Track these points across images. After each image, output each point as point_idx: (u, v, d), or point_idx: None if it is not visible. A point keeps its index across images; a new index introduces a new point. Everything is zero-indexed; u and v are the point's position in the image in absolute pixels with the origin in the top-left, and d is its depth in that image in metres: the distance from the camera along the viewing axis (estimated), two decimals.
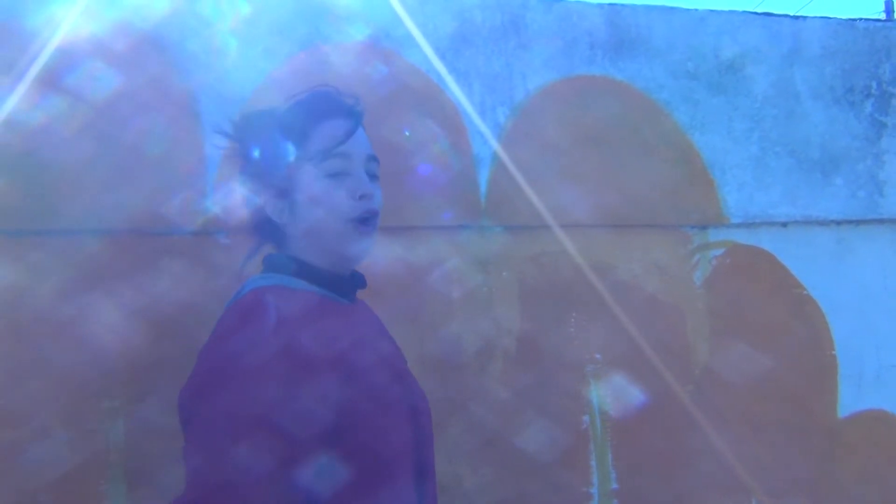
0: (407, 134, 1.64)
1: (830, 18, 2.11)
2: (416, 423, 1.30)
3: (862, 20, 2.13)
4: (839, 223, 2.07)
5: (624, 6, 1.94)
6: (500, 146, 1.83)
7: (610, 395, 1.86)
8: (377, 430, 1.22)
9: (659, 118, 1.95)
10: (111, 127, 1.55)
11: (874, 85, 2.11)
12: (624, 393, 1.87)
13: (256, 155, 1.33)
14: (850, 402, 2.05)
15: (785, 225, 2.03)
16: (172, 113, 1.60)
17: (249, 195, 1.35)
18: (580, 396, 1.84)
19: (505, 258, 1.84)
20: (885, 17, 14.06)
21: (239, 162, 1.37)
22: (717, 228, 1.98)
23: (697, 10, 1.99)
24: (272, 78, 1.67)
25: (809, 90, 2.06)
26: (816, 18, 2.10)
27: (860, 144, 2.09)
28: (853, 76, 2.10)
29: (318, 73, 1.69)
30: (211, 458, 1.10)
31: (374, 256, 1.39)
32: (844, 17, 2.16)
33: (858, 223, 2.08)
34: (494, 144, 1.82)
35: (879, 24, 2.16)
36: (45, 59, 1.49)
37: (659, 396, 1.88)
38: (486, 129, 1.82)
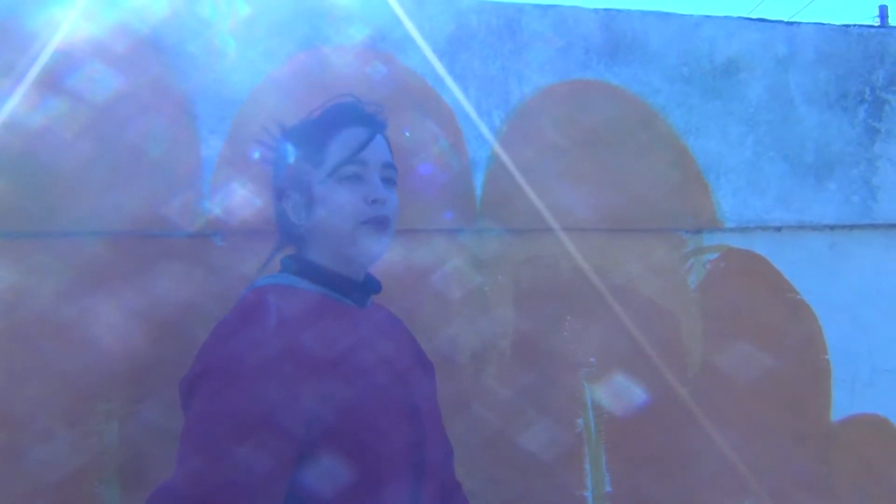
0: (407, 134, 1.65)
1: (824, 24, 2.12)
2: (415, 423, 1.30)
3: (856, 26, 2.14)
4: (833, 228, 2.08)
5: (619, 11, 1.95)
6: (495, 149, 1.83)
7: (605, 397, 1.86)
8: (372, 430, 1.22)
9: (654, 122, 1.96)
10: (109, 128, 1.55)
11: (868, 90, 2.12)
12: (618, 396, 1.87)
13: (279, 160, 1.40)
14: (843, 406, 2.05)
15: (779, 229, 2.04)
16: (170, 114, 1.60)
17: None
18: (575, 399, 1.84)
19: (500, 261, 1.84)
20: (878, 23, 14.13)
21: (272, 169, 1.43)
22: (711, 232, 1.99)
23: (692, 15, 2.00)
24: (270, 79, 1.67)
25: (803, 95, 2.07)
26: (810, 24, 2.11)
27: (854, 150, 2.10)
28: (847, 82, 2.11)
29: (314, 74, 1.69)
30: (211, 458, 1.10)
31: None
32: (838, 22, 2.17)
33: (852, 228, 2.09)
34: (490, 147, 1.83)
35: (873, 30, 2.17)
36: (43, 60, 1.49)
37: (653, 399, 1.89)
38: (481, 132, 1.83)
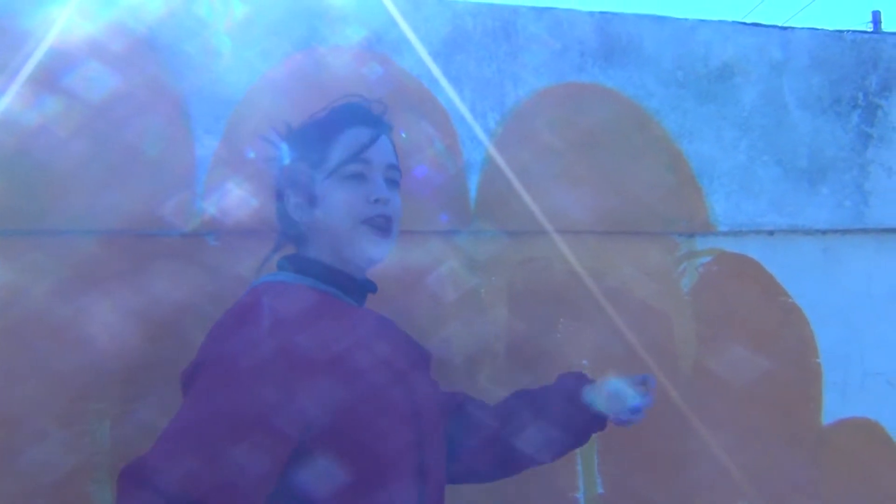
0: (403, 135, 1.65)
1: (818, 30, 2.13)
2: (416, 424, 1.30)
3: (849, 32, 2.15)
4: (825, 232, 2.09)
5: (614, 15, 1.95)
6: (490, 151, 1.83)
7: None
8: (373, 430, 1.22)
9: (648, 126, 1.96)
10: (103, 127, 1.55)
11: (861, 96, 2.13)
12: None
13: (283, 157, 1.39)
14: (834, 409, 2.06)
15: (771, 233, 2.05)
16: (165, 114, 1.60)
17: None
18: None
19: (494, 263, 1.84)
20: (871, 28, 14.18)
21: (274, 170, 1.43)
22: (704, 236, 2.00)
23: (687, 19, 2.01)
24: (266, 79, 1.67)
25: (797, 100, 2.07)
26: (804, 29, 2.12)
27: (846, 154, 2.11)
28: (840, 87, 2.12)
29: (310, 75, 1.69)
30: (205, 458, 1.10)
31: None
32: (832, 28, 2.18)
33: (844, 232, 2.10)
34: (485, 149, 1.83)
35: (866, 35, 2.18)
36: (37, 59, 1.49)
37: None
38: (476, 134, 1.83)
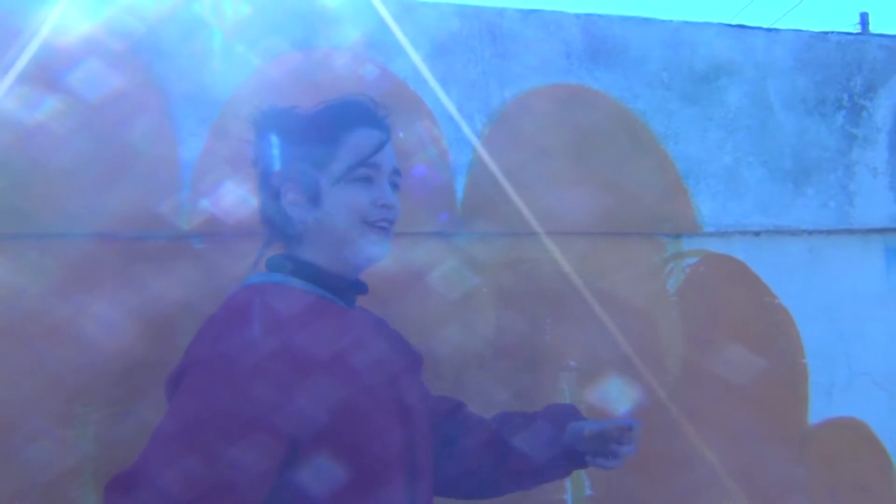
0: (401, 135, 1.64)
1: (803, 31, 2.14)
2: (408, 424, 1.30)
3: (834, 33, 2.16)
4: (810, 233, 2.10)
5: (600, 16, 1.96)
6: (477, 153, 1.83)
7: (584, 400, 1.86)
8: (367, 431, 1.22)
9: (634, 127, 1.96)
10: (95, 128, 1.54)
11: (846, 97, 2.14)
12: (599, 399, 1.88)
13: (280, 152, 1.34)
14: (820, 409, 2.07)
15: (757, 234, 2.05)
16: (151, 114, 1.59)
17: (259, 195, 1.36)
18: (555, 402, 1.84)
19: (481, 265, 1.84)
20: (859, 29, 14.25)
21: (256, 156, 1.37)
22: (690, 237, 2.00)
23: (672, 21, 2.01)
24: (254, 80, 1.67)
25: (782, 101, 2.08)
26: (789, 31, 2.13)
27: (831, 155, 2.12)
28: (825, 88, 2.13)
29: (299, 77, 1.69)
30: (201, 457, 1.09)
31: None
32: (819, 29, 2.19)
33: (829, 233, 2.11)
34: (472, 151, 1.83)
35: (851, 37, 2.19)
36: (27, 59, 1.48)
37: (633, 402, 1.89)
38: (463, 135, 1.83)
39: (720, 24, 2.09)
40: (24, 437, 1.47)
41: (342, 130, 1.32)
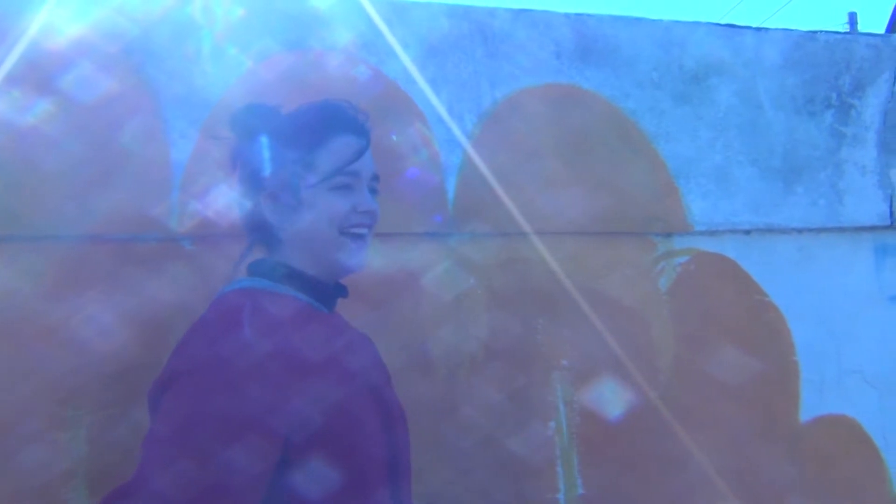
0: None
1: (792, 30, 2.15)
2: (390, 425, 1.31)
3: (823, 32, 2.17)
4: (800, 231, 2.11)
5: (590, 16, 1.96)
6: (468, 153, 1.84)
7: (576, 400, 1.87)
8: (359, 433, 1.23)
9: (625, 127, 1.97)
10: (85, 131, 1.54)
11: (834, 96, 2.16)
12: (590, 399, 1.88)
13: (258, 154, 1.32)
14: (811, 406, 2.08)
15: (748, 233, 2.06)
16: (142, 116, 1.59)
17: (238, 198, 1.35)
18: (547, 401, 1.85)
19: (473, 265, 1.84)
20: (848, 29, 14.31)
21: (234, 157, 1.36)
22: (681, 236, 2.01)
23: (662, 20, 2.02)
24: (243, 83, 1.66)
25: (771, 101, 2.09)
26: (778, 30, 2.14)
27: (821, 154, 2.13)
28: (814, 87, 2.14)
29: (288, 77, 1.68)
30: (197, 460, 1.09)
31: None
32: (808, 29, 2.20)
33: (819, 231, 2.12)
34: (462, 151, 1.84)
35: (839, 36, 2.20)
36: (13, 61, 1.48)
37: (625, 402, 1.90)
38: (454, 136, 1.83)
39: (710, 23, 2.10)
40: (16, 439, 1.46)
41: (322, 135, 1.31)
